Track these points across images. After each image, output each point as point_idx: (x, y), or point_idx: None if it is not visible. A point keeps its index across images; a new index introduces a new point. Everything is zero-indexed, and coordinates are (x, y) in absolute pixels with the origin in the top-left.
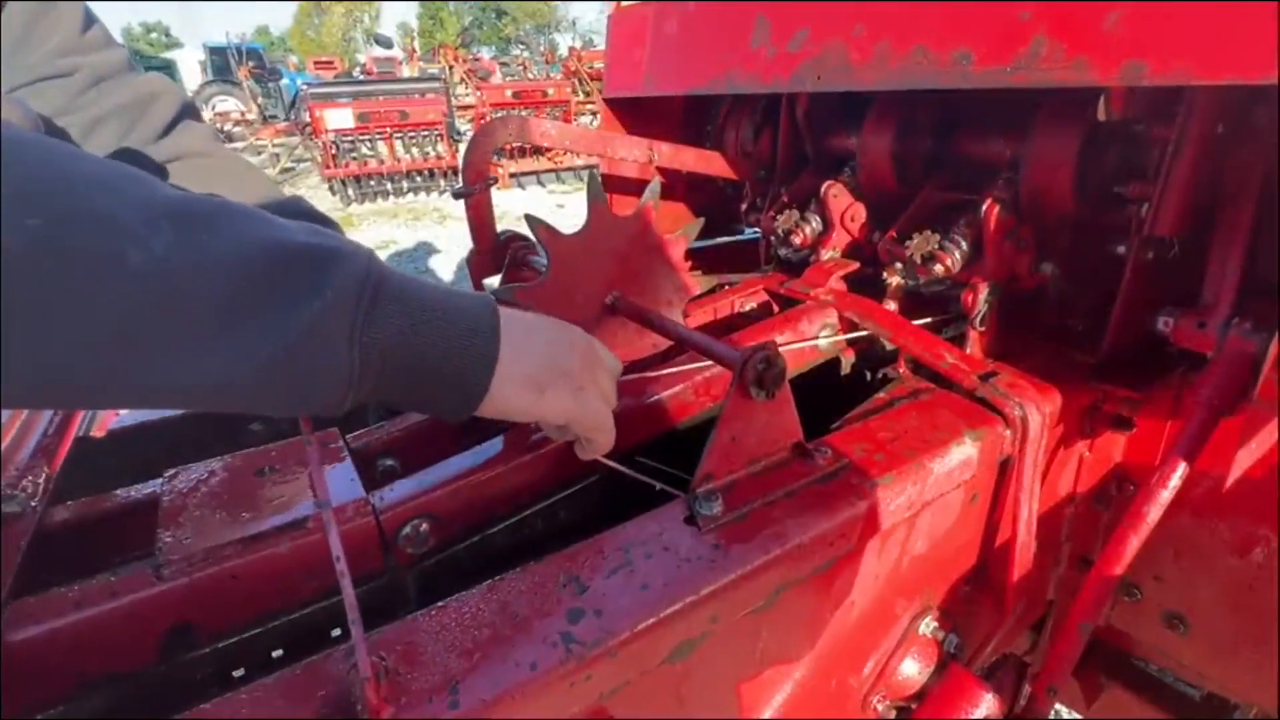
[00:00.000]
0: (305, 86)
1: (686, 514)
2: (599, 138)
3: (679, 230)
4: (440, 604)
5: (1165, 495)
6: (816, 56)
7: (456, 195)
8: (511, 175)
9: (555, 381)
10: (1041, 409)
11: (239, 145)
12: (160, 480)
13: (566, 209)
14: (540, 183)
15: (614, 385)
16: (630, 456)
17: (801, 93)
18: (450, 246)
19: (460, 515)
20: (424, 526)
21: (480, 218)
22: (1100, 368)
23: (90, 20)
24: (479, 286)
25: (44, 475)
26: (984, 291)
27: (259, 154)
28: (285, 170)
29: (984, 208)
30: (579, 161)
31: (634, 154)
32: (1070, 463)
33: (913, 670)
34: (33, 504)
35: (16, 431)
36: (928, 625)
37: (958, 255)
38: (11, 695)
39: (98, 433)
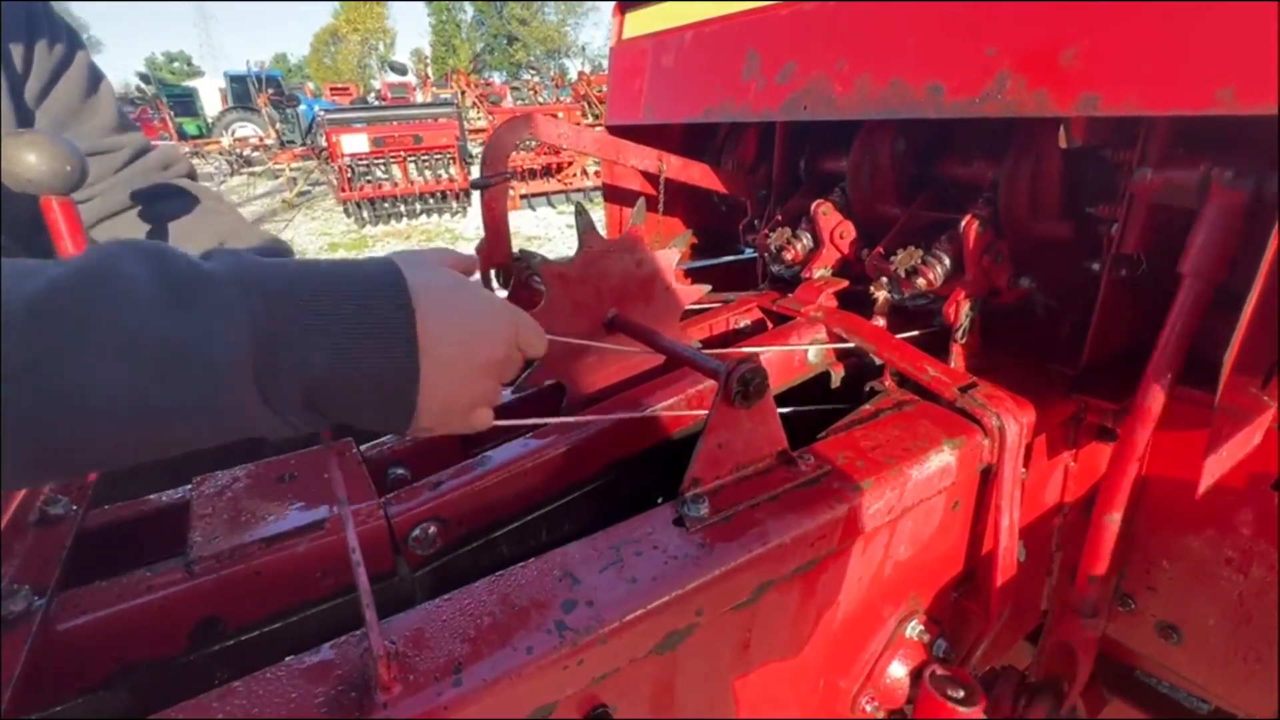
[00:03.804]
0: (322, 112)
1: (675, 515)
2: (611, 144)
3: (669, 244)
4: (446, 596)
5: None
6: (803, 88)
7: (474, 185)
8: (522, 196)
9: (477, 400)
10: (1019, 419)
11: (257, 169)
12: (189, 486)
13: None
14: (550, 204)
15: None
16: (625, 465)
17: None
18: None
19: (466, 519)
20: (432, 529)
21: (495, 213)
22: (1080, 380)
23: (120, 105)
24: (486, 277)
25: (84, 482)
26: (966, 305)
27: (276, 177)
28: (301, 193)
29: (963, 224)
30: (588, 183)
31: (644, 163)
32: (1056, 473)
33: (900, 672)
34: (74, 508)
35: None
36: (914, 628)
37: (939, 270)
38: (60, 677)
39: None
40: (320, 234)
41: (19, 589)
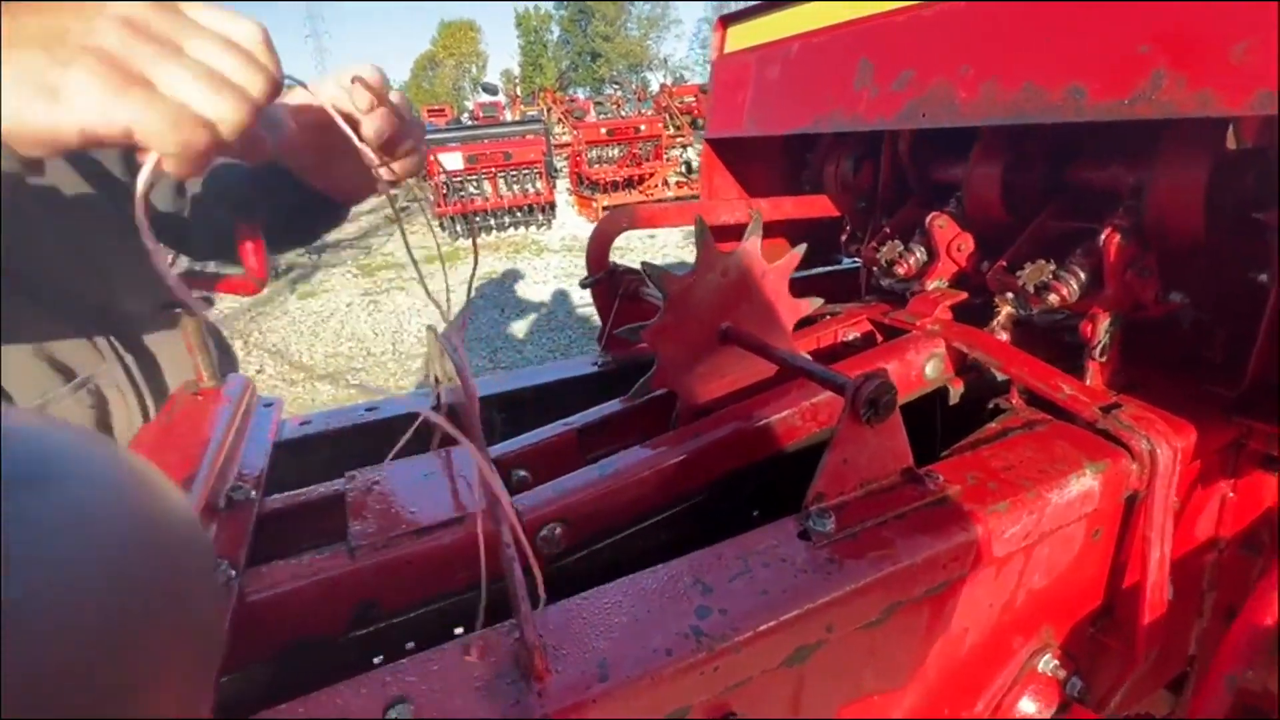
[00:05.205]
0: None
1: (800, 529)
2: (699, 208)
3: (783, 258)
4: (582, 595)
5: None
6: (923, 95)
7: (583, 285)
8: (604, 209)
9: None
10: (1172, 443)
11: None
12: (342, 479)
13: (657, 238)
14: None
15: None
16: (736, 478)
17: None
18: (548, 277)
19: (588, 522)
20: (558, 530)
21: (604, 302)
22: (1242, 402)
23: None
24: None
25: (258, 472)
26: (1104, 321)
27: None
28: (402, 209)
29: (1103, 236)
30: (669, 194)
31: (736, 216)
32: (1211, 504)
33: (1030, 709)
34: (253, 494)
35: (231, 440)
36: (1047, 663)
37: (1074, 285)
38: (248, 647)
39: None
40: (418, 247)
41: (220, 563)
